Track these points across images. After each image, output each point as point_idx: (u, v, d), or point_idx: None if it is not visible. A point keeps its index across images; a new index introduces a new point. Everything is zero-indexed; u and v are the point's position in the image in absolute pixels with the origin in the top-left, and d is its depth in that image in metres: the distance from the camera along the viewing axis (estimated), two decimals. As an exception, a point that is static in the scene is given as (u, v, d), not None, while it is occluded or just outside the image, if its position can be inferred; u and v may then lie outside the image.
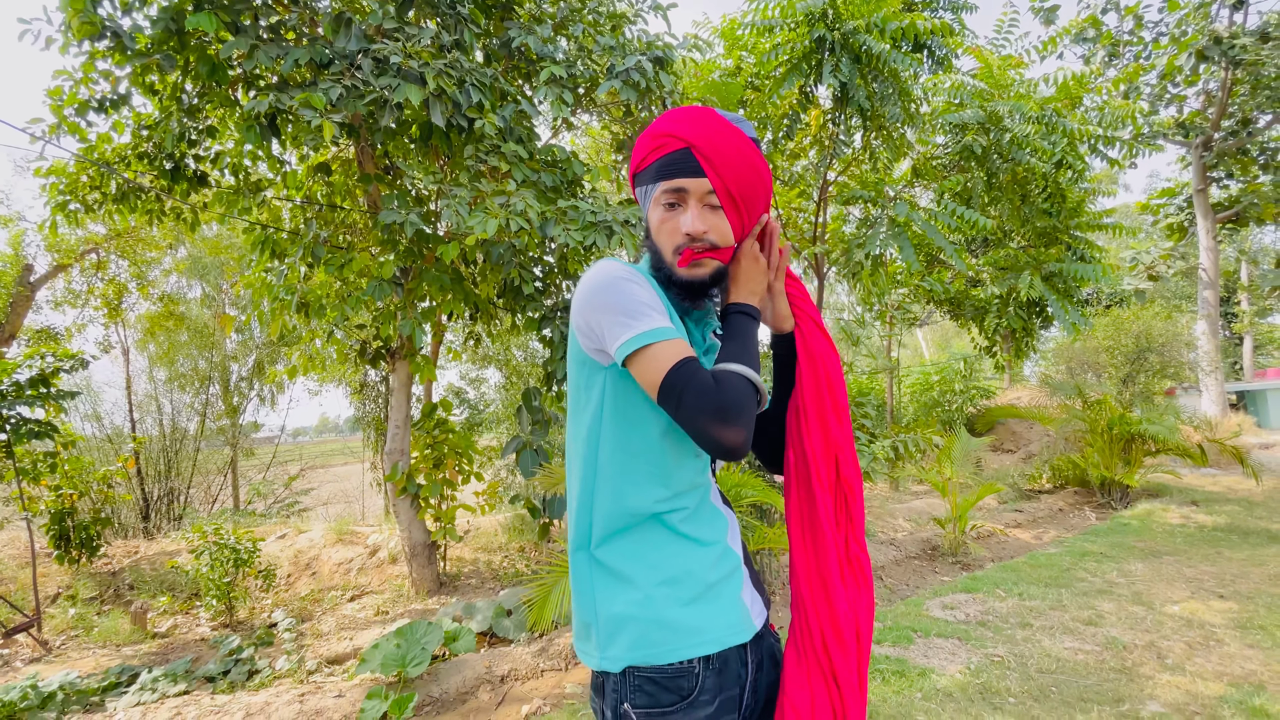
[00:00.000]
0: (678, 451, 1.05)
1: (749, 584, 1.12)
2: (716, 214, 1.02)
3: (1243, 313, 21.19)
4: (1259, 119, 13.84)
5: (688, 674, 1.00)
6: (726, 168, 1.00)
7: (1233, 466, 9.28)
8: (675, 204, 1.02)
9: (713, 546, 1.07)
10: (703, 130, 1.01)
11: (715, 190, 1.01)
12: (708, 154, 1.00)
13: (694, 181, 1.00)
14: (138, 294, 10.37)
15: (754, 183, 1.04)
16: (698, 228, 1.00)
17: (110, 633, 4.64)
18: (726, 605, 1.05)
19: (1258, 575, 4.74)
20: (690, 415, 0.90)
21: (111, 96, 4.08)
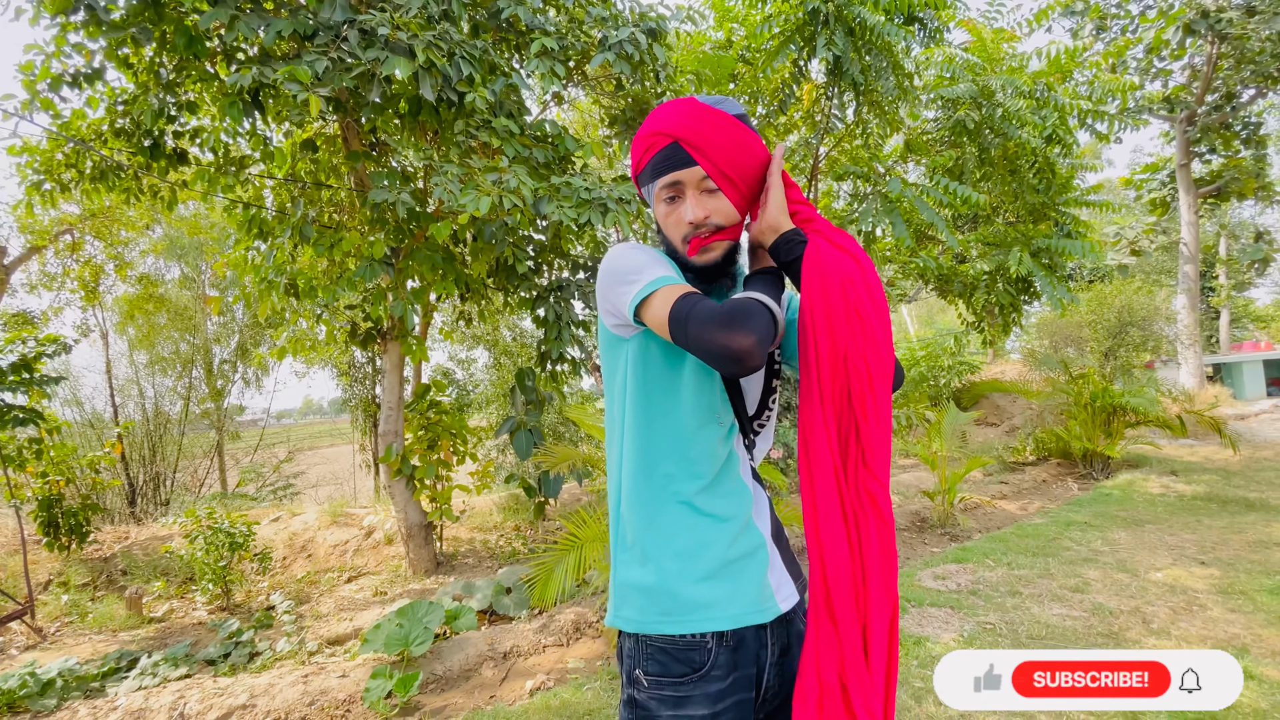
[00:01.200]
0: (697, 418, 1.06)
1: (777, 565, 1.11)
2: (715, 197, 1.05)
3: (1220, 287, 21.56)
4: (1242, 94, 13.93)
5: (699, 648, 1.02)
6: (715, 150, 1.03)
7: (1210, 437, 9.52)
8: (675, 196, 1.07)
9: (730, 522, 1.06)
10: (685, 121, 1.04)
11: (709, 175, 1.03)
12: (694, 142, 1.03)
13: (687, 172, 1.04)
14: (115, 276, 10.12)
15: (744, 158, 1.06)
16: (698, 214, 1.04)
17: (106, 618, 4.62)
18: (746, 584, 1.05)
19: (1237, 542, 4.89)
20: (697, 332, 0.91)
21: (85, 71, 3.93)
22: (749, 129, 1.07)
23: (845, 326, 0.99)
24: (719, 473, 1.08)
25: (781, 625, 1.09)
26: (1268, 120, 17.91)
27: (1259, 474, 7.39)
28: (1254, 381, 16.16)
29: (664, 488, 1.06)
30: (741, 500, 1.09)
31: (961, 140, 6.42)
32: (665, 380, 1.07)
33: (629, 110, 5.05)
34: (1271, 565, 4.27)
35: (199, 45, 3.70)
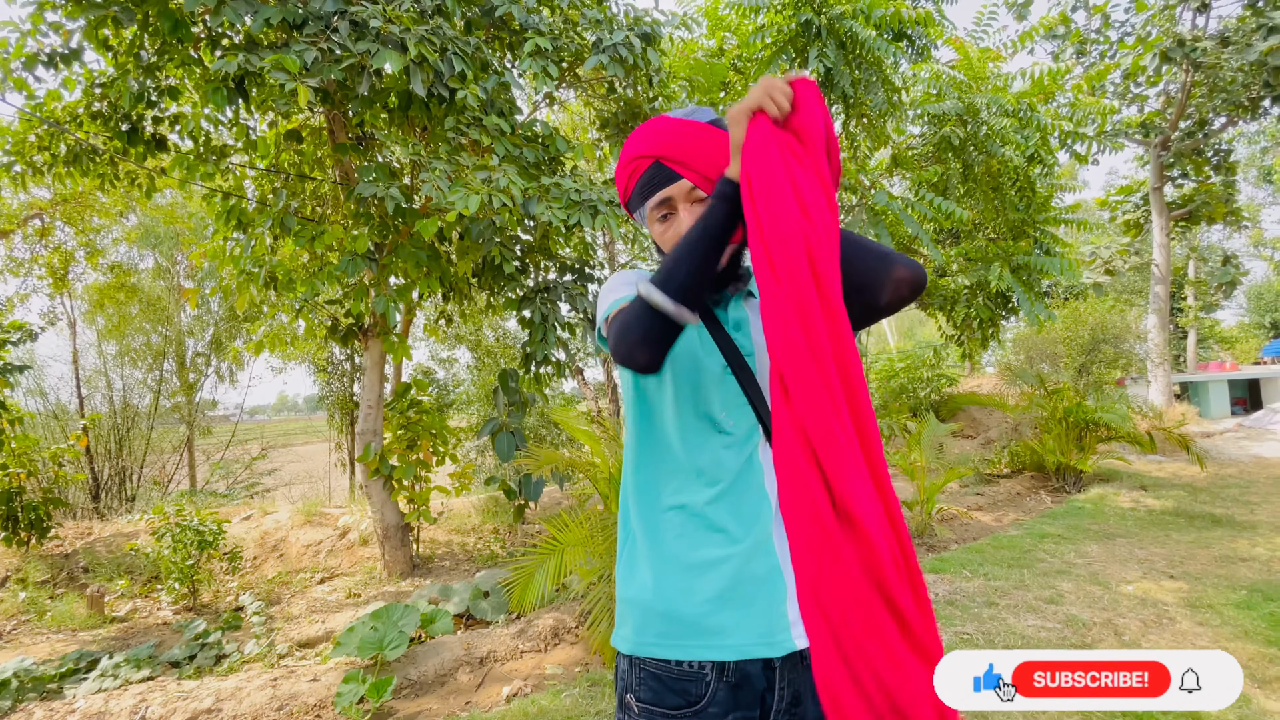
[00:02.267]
0: (696, 424, 1.02)
1: (792, 589, 0.97)
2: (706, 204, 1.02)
3: (1189, 308, 22.16)
4: (1214, 121, 14.37)
5: (697, 679, 0.93)
6: (697, 160, 1.01)
7: (1177, 453, 9.75)
8: (668, 214, 1.05)
9: (743, 540, 0.97)
10: (662, 138, 1.03)
11: (696, 185, 1.02)
12: (675, 157, 1.02)
13: (674, 187, 1.03)
14: (86, 263, 9.85)
15: (726, 161, 1.01)
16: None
17: (65, 617, 4.46)
18: (758, 611, 0.95)
19: (1204, 557, 5.00)
20: (612, 354, 0.96)
21: (63, 51, 3.81)
22: (722, 131, 1.03)
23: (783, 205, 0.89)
24: (732, 483, 0.99)
25: (796, 667, 0.96)
26: (1237, 148, 18.53)
27: (1224, 490, 7.58)
28: (1219, 400, 16.62)
29: (667, 497, 1.01)
30: (759, 516, 0.98)
31: (946, 156, 6.52)
32: (656, 388, 1.05)
33: (620, 114, 5.04)
34: (1237, 580, 4.37)
35: (183, 29, 3.61)
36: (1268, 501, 6.87)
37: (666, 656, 0.95)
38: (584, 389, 12.22)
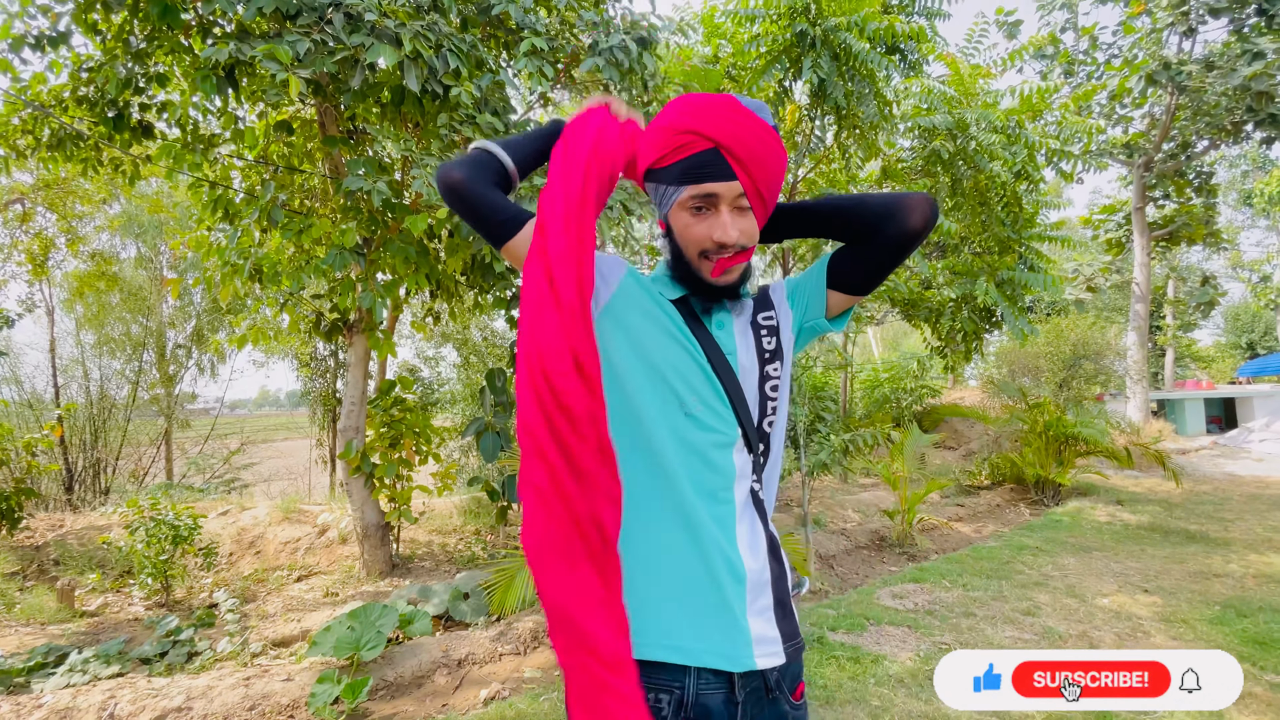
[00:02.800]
0: (649, 403, 0.95)
1: (764, 612, 0.93)
2: (745, 215, 0.97)
3: (1167, 326, 22.56)
4: (1197, 144, 14.66)
5: (652, 709, 0.86)
6: (757, 166, 0.94)
7: (1153, 469, 9.90)
8: (704, 209, 0.96)
9: (706, 543, 0.91)
10: (730, 128, 0.94)
11: (746, 193, 0.95)
12: (739, 155, 0.93)
13: (725, 186, 0.94)
14: (66, 251, 9.67)
15: (779, 176, 1.00)
16: (732, 235, 0.95)
17: (34, 610, 4.36)
18: (715, 621, 0.89)
19: (1178, 572, 5.07)
20: (439, 171, 1.01)
21: (50, 33, 3.75)
22: (781, 142, 1.00)
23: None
24: (699, 478, 0.94)
25: (758, 693, 0.90)
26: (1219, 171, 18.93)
27: (1199, 507, 7.71)
28: (1195, 418, 16.91)
29: (639, 489, 0.94)
30: (725, 520, 0.94)
31: (936, 169, 6.59)
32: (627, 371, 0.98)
33: (615, 116, 5.04)
34: (1211, 595, 4.44)
35: (174, 16, 3.56)
36: (1241, 519, 7.00)
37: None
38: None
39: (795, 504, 7.66)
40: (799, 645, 0.97)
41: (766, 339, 1.04)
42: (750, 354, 1.02)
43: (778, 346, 1.05)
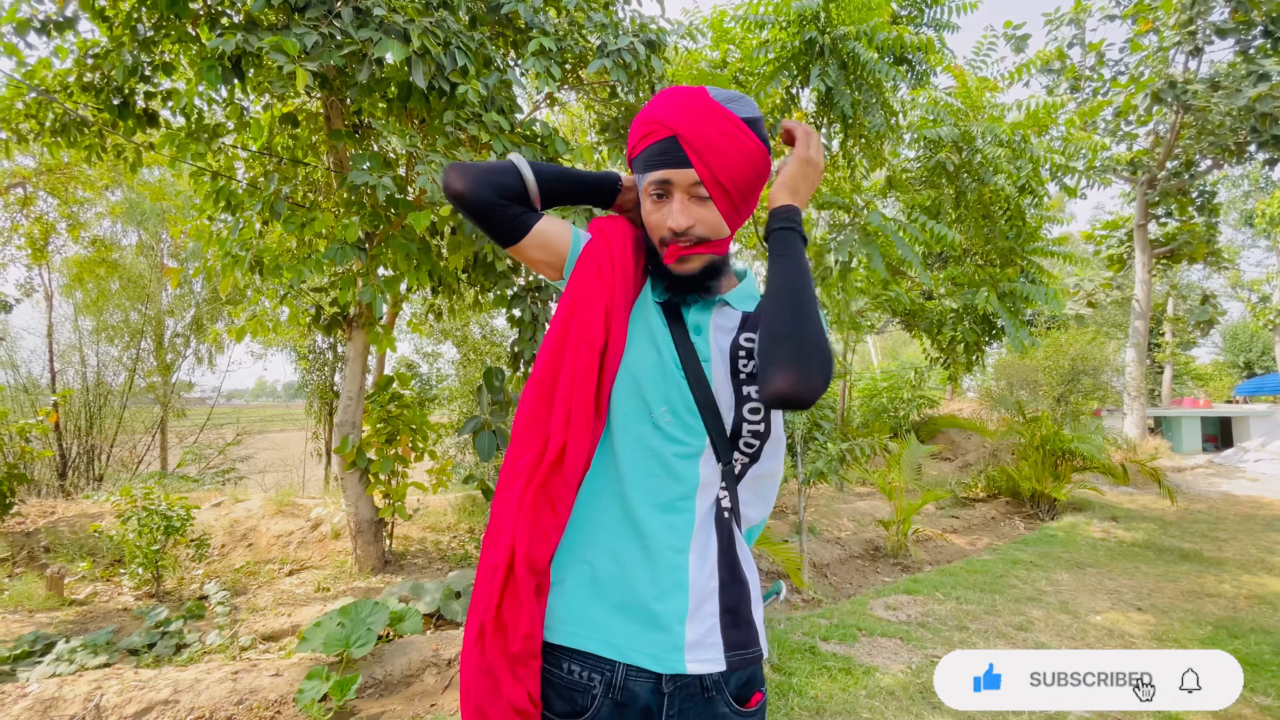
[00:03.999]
0: (620, 410, 0.98)
1: (707, 620, 0.92)
2: (705, 205, 0.97)
3: (1166, 344, 22.60)
4: (1201, 163, 14.70)
5: (583, 690, 0.90)
6: (714, 155, 0.94)
7: (1149, 486, 9.91)
8: (662, 195, 0.97)
9: (658, 548, 0.93)
10: (689, 116, 0.95)
11: (703, 181, 0.95)
12: (693, 143, 0.94)
13: (679, 173, 0.95)
14: (67, 236, 9.64)
15: (747, 170, 0.97)
16: (681, 222, 0.96)
17: (23, 597, 4.33)
18: (652, 622, 0.90)
19: (1171, 590, 5.07)
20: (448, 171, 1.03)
21: (57, 18, 3.74)
22: (755, 137, 0.97)
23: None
24: (657, 486, 0.94)
25: (692, 696, 0.91)
26: (1221, 190, 18.97)
27: (1193, 526, 7.71)
28: (1191, 436, 16.93)
29: (598, 490, 0.97)
30: (681, 529, 0.94)
31: (940, 181, 6.60)
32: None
33: (621, 118, 5.03)
34: (1203, 615, 4.44)
35: (182, 5, 3.55)
36: (1235, 539, 7.00)
37: (552, 640, 0.92)
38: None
39: (791, 511, 7.64)
40: (750, 656, 0.95)
41: (744, 362, 0.99)
42: (724, 368, 0.99)
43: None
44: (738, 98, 0.98)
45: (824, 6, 5.32)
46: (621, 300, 1.00)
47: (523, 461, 0.95)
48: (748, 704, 0.95)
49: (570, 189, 1.09)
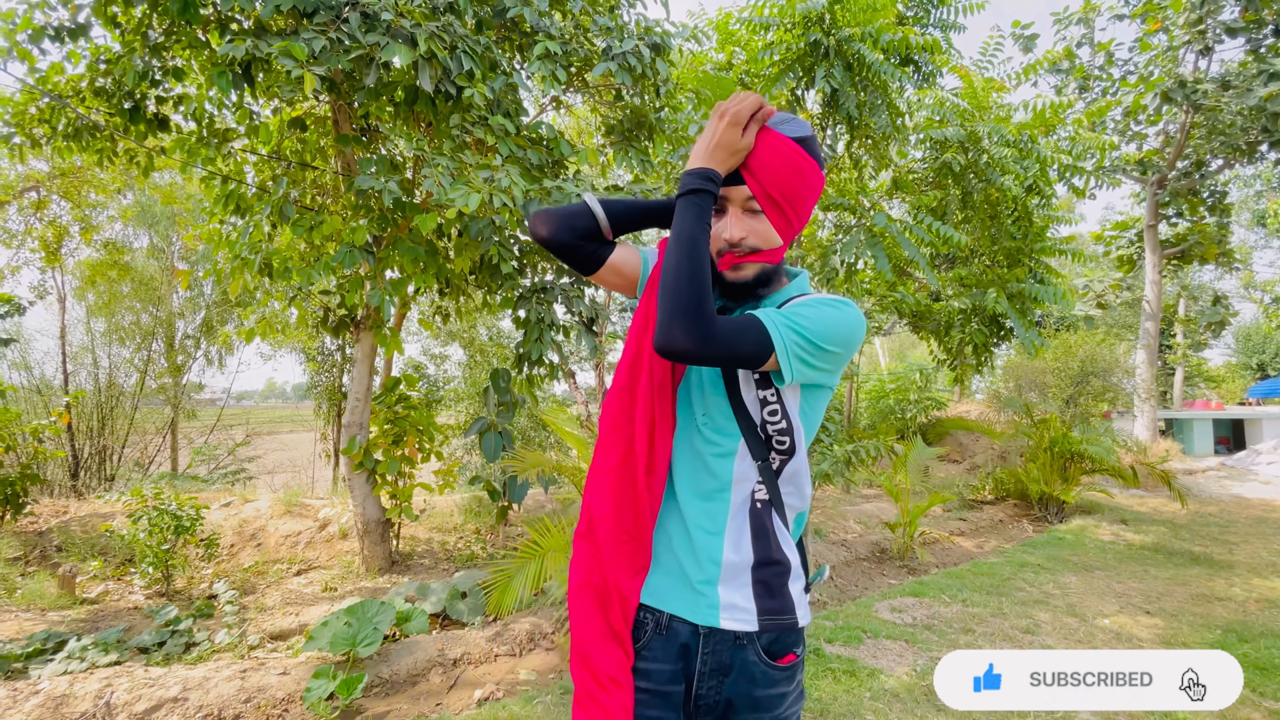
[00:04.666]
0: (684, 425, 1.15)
1: (741, 587, 1.09)
2: (758, 218, 1.07)
3: (1177, 345, 22.39)
4: (1211, 163, 14.56)
5: (641, 625, 1.11)
6: (765, 172, 1.04)
7: (1159, 489, 9.82)
8: (719, 209, 1.08)
9: (704, 531, 1.11)
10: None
11: (755, 195, 1.05)
12: (746, 161, 1.04)
13: (733, 189, 1.06)
14: (80, 239, 9.76)
15: (797, 184, 1.06)
16: (735, 234, 1.07)
17: (35, 596, 4.39)
18: (692, 589, 1.10)
19: (1181, 594, 5.03)
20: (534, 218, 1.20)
21: (70, 25, 3.80)
22: (808, 155, 1.06)
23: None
24: (697, 481, 1.12)
25: (724, 643, 1.09)
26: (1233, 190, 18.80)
27: (1204, 529, 7.63)
28: (1203, 438, 16.76)
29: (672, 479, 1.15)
30: (717, 517, 1.11)
31: (946, 182, 6.57)
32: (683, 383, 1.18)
33: (626, 121, 5.05)
34: (1213, 619, 4.40)
35: (192, 11, 3.60)
36: (1246, 542, 6.93)
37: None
38: (575, 392, 12.20)
39: (796, 513, 7.63)
40: (785, 623, 1.10)
41: None
42: (754, 381, 1.10)
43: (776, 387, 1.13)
44: (789, 119, 1.07)
45: (829, 8, 5.32)
46: None
47: (610, 463, 1.12)
48: (780, 660, 1.10)
49: (639, 217, 1.20)
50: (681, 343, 0.95)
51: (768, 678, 1.09)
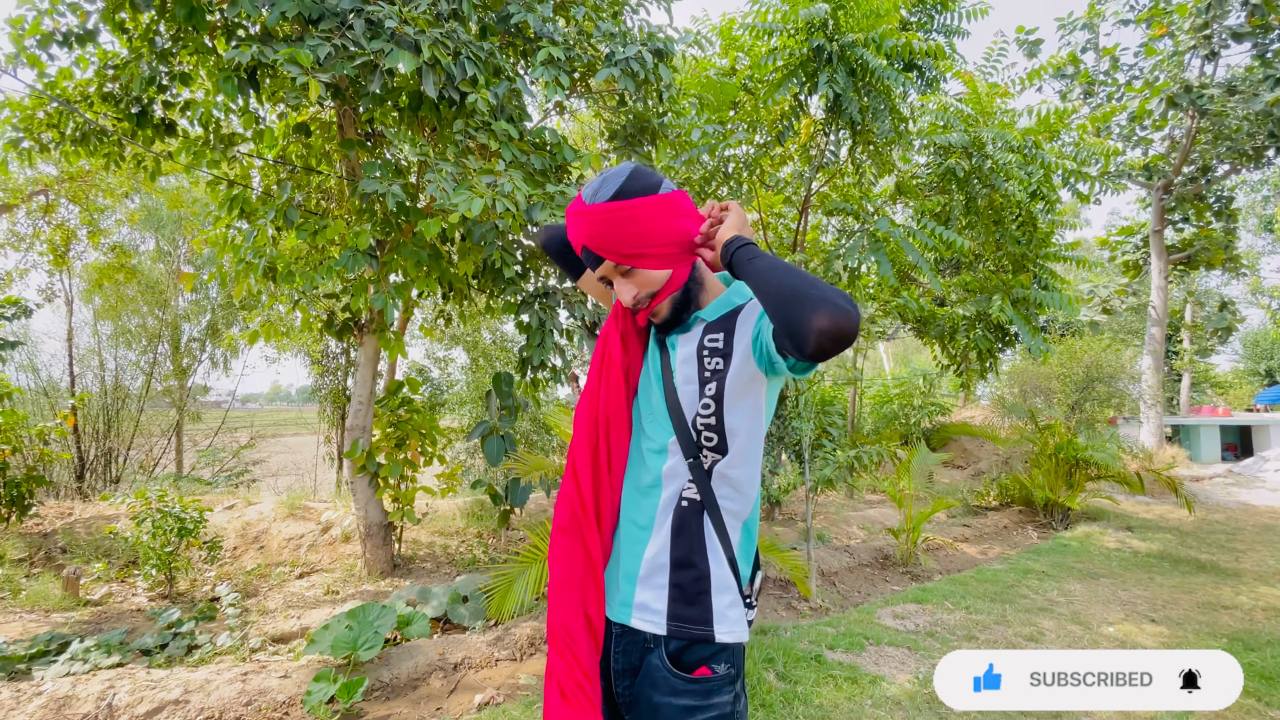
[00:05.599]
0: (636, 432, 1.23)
1: (658, 586, 1.11)
2: (635, 275, 1.14)
3: (1184, 351, 22.27)
4: (1217, 168, 14.51)
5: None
6: (609, 243, 1.11)
7: (1165, 496, 9.76)
8: (607, 282, 1.18)
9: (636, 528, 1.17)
10: (580, 229, 1.13)
11: (618, 264, 1.13)
12: (592, 247, 1.12)
13: (603, 268, 1.15)
14: (87, 242, 9.83)
15: (639, 231, 1.10)
16: (627, 299, 1.15)
17: (39, 597, 4.41)
18: (621, 580, 1.16)
19: (1186, 602, 4.99)
20: None
21: (78, 31, 3.83)
22: (635, 200, 1.09)
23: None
24: (636, 476, 1.19)
25: (635, 643, 1.13)
26: (1239, 195, 18.71)
27: (1210, 536, 7.58)
28: (1210, 445, 16.66)
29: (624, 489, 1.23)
30: (648, 511, 1.15)
31: (950, 187, 6.57)
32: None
33: (630, 126, 5.07)
34: (1219, 627, 4.37)
35: (199, 17, 3.63)
36: (1253, 549, 6.88)
37: None
38: (578, 396, 12.19)
39: (800, 519, 7.61)
40: (696, 634, 1.09)
41: (709, 360, 1.14)
42: (691, 372, 1.15)
43: (722, 368, 1.12)
44: (599, 185, 1.11)
45: (832, 14, 5.33)
46: (632, 330, 1.25)
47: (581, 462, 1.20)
48: (690, 671, 1.08)
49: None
50: (855, 316, 0.87)
51: (669, 685, 1.06)
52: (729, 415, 1.11)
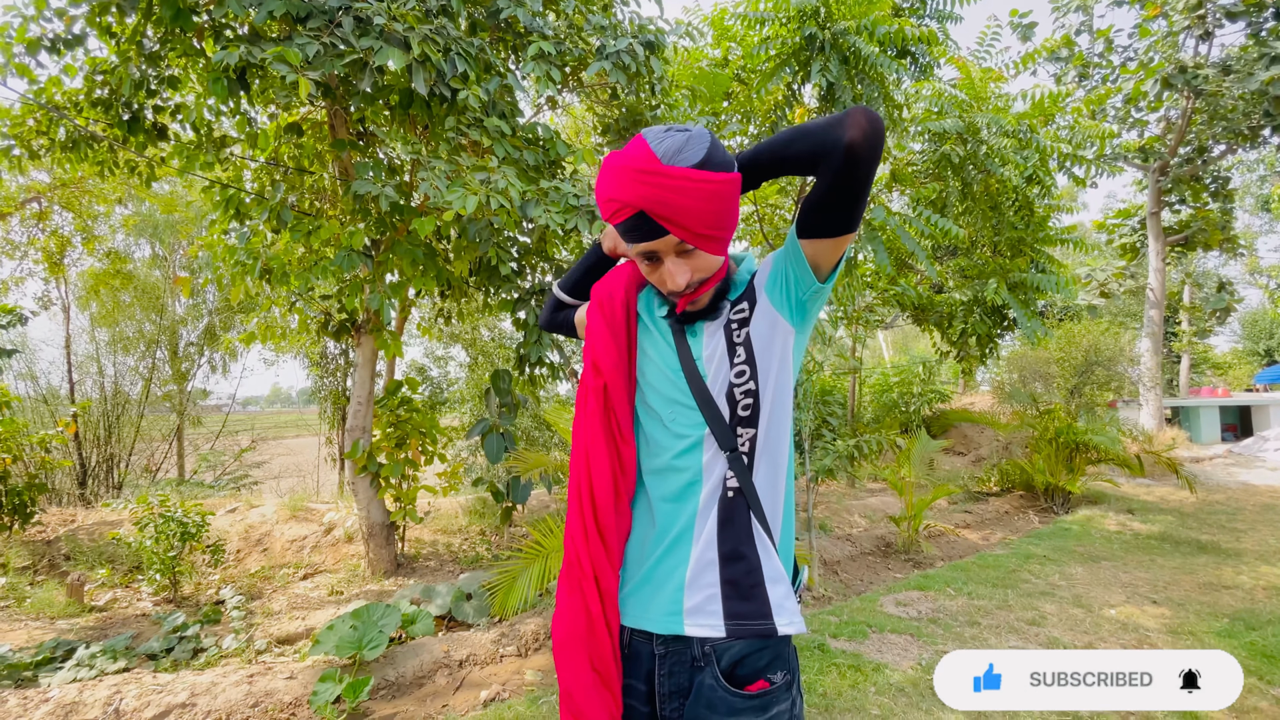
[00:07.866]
0: (657, 399, 1.12)
1: (707, 587, 1.02)
2: (693, 255, 1.01)
3: (1182, 333, 22.27)
4: (1214, 148, 14.46)
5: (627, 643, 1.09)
6: (683, 215, 0.95)
7: (1166, 478, 9.79)
8: (652, 259, 1.03)
9: (667, 525, 1.08)
10: (645, 189, 0.94)
11: (684, 240, 0.98)
12: (660, 212, 0.95)
13: (661, 241, 0.99)
14: (82, 249, 9.80)
15: (719, 209, 0.97)
16: (680, 281, 1.02)
17: (44, 604, 4.42)
18: (657, 590, 1.06)
19: (1188, 583, 5.01)
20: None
21: (65, 36, 3.81)
22: (713, 176, 0.95)
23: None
24: (666, 477, 1.09)
25: (681, 665, 1.03)
26: (1235, 175, 18.68)
27: (1211, 517, 7.60)
28: (1210, 426, 16.68)
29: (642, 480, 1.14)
30: (688, 512, 1.06)
31: (946, 173, 6.54)
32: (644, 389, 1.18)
33: (622, 120, 5.05)
34: (1220, 608, 4.38)
35: (186, 19, 3.60)
36: (1254, 529, 6.90)
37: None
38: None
39: (801, 508, 7.63)
40: (756, 628, 1.01)
41: (736, 332, 1.07)
42: (721, 355, 1.07)
43: (746, 316, 1.08)
44: (682, 145, 0.96)
45: (824, 1, 5.30)
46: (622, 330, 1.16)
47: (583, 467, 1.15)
48: (746, 686, 0.99)
49: (585, 277, 1.35)
50: (881, 125, 0.87)
51: (727, 705, 0.98)
52: (761, 369, 1.05)
